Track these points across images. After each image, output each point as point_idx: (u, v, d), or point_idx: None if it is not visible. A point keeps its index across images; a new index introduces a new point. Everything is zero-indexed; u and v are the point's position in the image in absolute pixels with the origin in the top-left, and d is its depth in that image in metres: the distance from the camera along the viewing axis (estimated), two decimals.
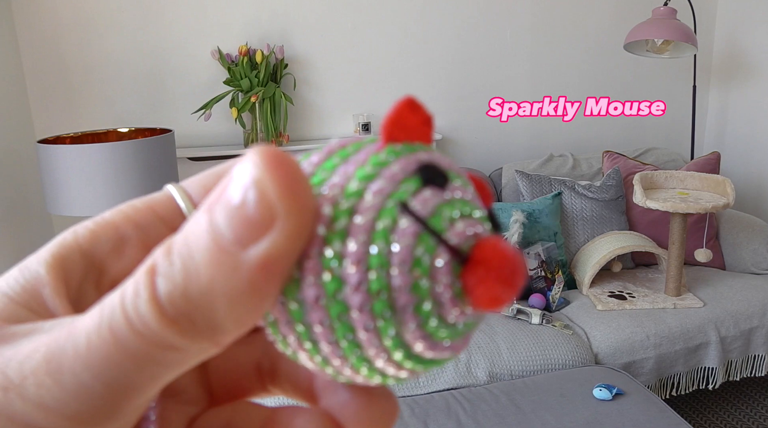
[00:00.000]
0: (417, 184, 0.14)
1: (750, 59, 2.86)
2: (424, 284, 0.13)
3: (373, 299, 0.13)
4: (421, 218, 0.13)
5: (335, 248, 0.13)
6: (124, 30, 2.28)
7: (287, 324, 0.14)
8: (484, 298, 0.13)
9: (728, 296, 2.14)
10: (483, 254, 0.13)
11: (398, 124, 0.15)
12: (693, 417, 2.21)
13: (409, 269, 0.13)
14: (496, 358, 1.83)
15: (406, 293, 0.13)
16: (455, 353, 0.15)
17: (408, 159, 0.14)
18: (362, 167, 0.14)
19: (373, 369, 0.14)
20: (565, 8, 2.78)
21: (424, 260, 0.13)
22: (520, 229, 2.17)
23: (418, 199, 0.14)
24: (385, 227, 0.13)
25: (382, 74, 2.62)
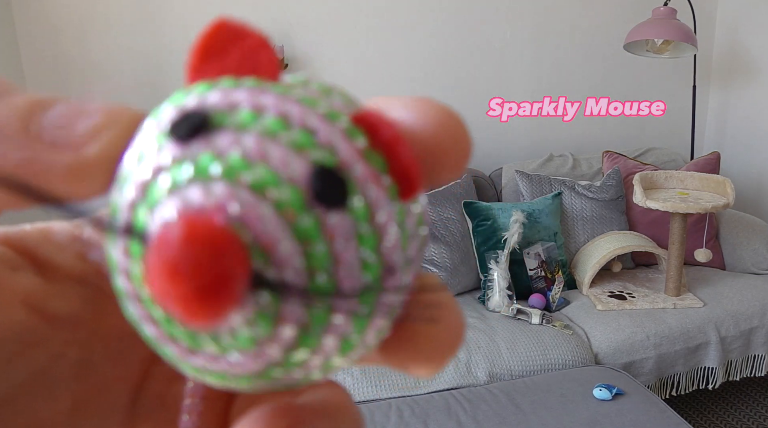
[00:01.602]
0: (161, 139, 0.11)
1: (750, 59, 2.86)
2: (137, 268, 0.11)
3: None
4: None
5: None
6: (124, 30, 2.28)
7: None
8: (161, 301, 0.10)
9: (728, 296, 2.14)
10: (160, 235, 0.10)
11: (206, 56, 0.12)
12: (693, 417, 2.21)
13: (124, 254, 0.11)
14: (496, 358, 1.83)
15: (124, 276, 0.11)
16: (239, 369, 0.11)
17: (176, 107, 0.11)
18: (143, 131, 0.12)
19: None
20: (565, 8, 2.78)
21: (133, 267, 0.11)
22: (520, 229, 2.17)
23: (141, 165, 0.11)
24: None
25: (382, 74, 2.62)
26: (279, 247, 0.10)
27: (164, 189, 0.10)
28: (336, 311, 0.10)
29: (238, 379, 0.11)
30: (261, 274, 0.10)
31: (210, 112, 0.11)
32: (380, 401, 1.67)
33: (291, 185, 0.10)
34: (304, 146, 0.10)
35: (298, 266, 0.10)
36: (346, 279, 0.10)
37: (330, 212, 0.10)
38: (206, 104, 0.11)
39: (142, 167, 0.11)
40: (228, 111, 0.11)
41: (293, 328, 0.10)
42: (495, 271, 2.12)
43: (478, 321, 2.00)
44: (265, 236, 0.10)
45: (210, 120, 0.11)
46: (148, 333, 0.11)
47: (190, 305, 0.09)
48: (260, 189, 0.10)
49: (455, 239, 2.21)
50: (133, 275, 0.10)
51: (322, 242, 0.10)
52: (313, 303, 0.10)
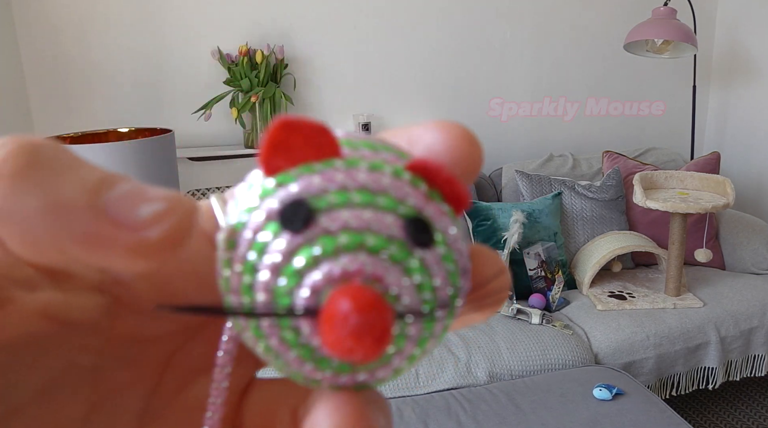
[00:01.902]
0: (274, 232, 0.13)
1: (750, 59, 2.86)
2: (290, 336, 0.14)
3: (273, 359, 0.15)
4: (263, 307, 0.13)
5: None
6: (124, 30, 2.28)
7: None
8: (336, 352, 0.13)
9: (728, 296, 2.14)
10: (326, 311, 0.13)
11: (275, 150, 0.14)
12: (693, 417, 2.21)
13: (275, 330, 0.14)
14: (496, 358, 1.83)
15: (278, 344, 0.14)
16: (363, 381, 0.14)
17: (272, 199, 0.13)
18: (236, 220, 0.14)
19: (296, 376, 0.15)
20: (565, 8, 2.78)
21: (288, 335, 0.14)
22: (520, 229, 2.17)
23: (267, 257, 0.13)
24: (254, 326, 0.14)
25: (382, 74, 2.62)
26: (400, 288, 0.13)
27: (300, 266, 0.13)
28: (437, 319, 0.14)
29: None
30: (399, 312, 0.13)
31: (306, 199, 0.13)
32: None
33: (395, 241, 0.13)
34: (388, 207, 0.13)
35: (414, 297, 0.13)
36: (441, 292, 0.14)
37: (424, 249, 0.13)
38: (300, 196, 0.13)
39: (269, 253, 0.13)
40: (319, 196, 0.13)
41: (414, 341, 0.14)
42: None
43: None
44: (392, 284, 0.13)
45: (311, 209, 0.13)
46: (282, 362, 0.14)
47: (368, 353, 0.12)
48: (375, 251, 0.13)
49: None
50: (287, 339, 0.14)
51: (426, 275, 0.13)
52: (425, 318, 0.13)
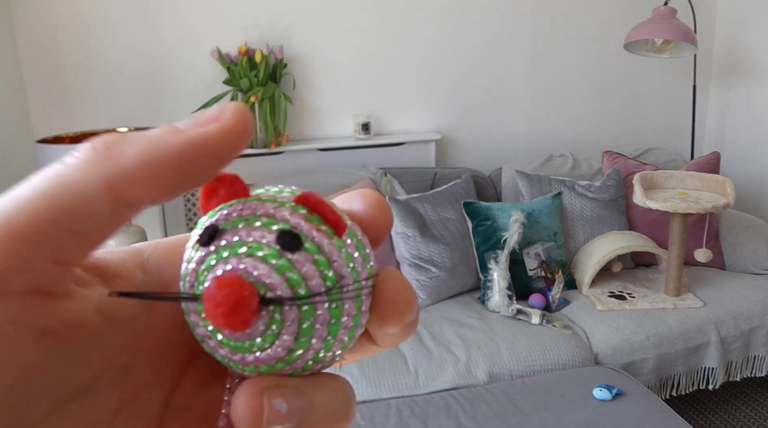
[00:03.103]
0: (197, 247, 0.18)
1: (750, 59, 2.86)
2: (205, 323, 0.18)
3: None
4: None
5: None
6: (123, 30, 2.27)
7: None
8: (213, 322, 0.17)
9: (728, 296, 2.14)
10: (204, 294, 0.17)
11: (205, 195, 0.19)
12: (693, 417, 2.21)
13: (195, 315, 0.18)
14: (496, 358, 1.82)
15: (202, 329, 0.18)
16: (264, 360, 0.18)
17: (200, 228, 0.19)
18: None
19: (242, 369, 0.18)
20: (565, 8, 2.78)
21: (198, 311, 0.18)
22: (520, 229, 2.17)
23: (193, 262, 0.18)
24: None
25: (382, 74, 2.61)
26: (270, 279, 0.17)
27: (203, 271, 0.18)
28: (317, 307, 0.17)
29: (266, 367, 0.18)
30: (265, 296, 0.17)
31: (218, 225, 0.18)
32: (380, 401, 1.67)
33: (268, 246, 0.17)
34: (270, 225, 0.18)
35: (284, 287, 0.17)
36: (315, 287, 0.17)
37: (294, 253, 0.17)
38: (214, 221, 0.18)
39: (191, 263, 0.18)
40: (225, 221, 0.18)
41: (294, 323, 0.17)
42: (495, 271, 2.12)
43: (478, 321, 2.00)
44: (262, 276, 0.17)
45: (218, 229, 0.18)
46: (209, 346, 0.18)
47: (229, 320, 0.17)
48: (252, 254, 0.17)
49: (455, 239, 2.20)
50: (191, 320, 0.18)
51: (295, 272, 0.17)
52: (301, 304, 0.17)
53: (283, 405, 0.17)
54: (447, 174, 2.44)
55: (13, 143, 2.06)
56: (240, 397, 0.17)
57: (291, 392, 0.18)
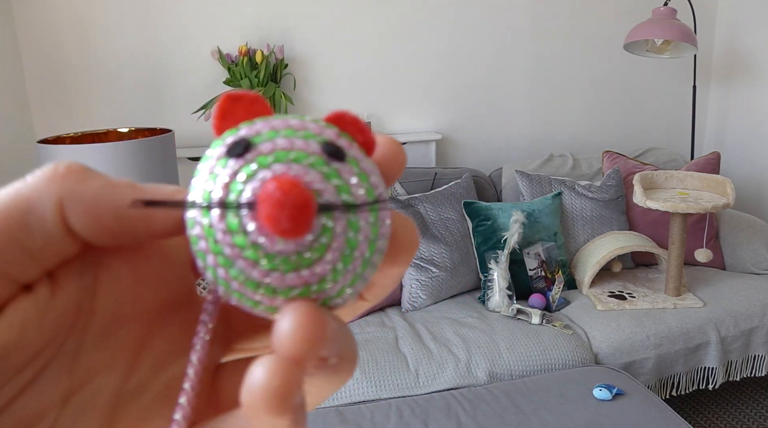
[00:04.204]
0: (224, 162, 0.17)
1: (750, 59, 2.86)
2: (239, 238, 0.17)
3: (217, 259, 0.17)
4: (215, 202, 0.17)
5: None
6: (124, 30, 2.28)
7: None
8: (273, 227, 0.16)
9: (728, 296, 2.14)
10: (260, 196, 0.16)
11: (221, 117, 0.18)
12: (693, 417, 2.21)
13: (224, 230, 0.17)
14: (496, 358, 1.83)
15: (230, 248, 0.17)
16: (315, 275, 0.17)
17: (222, 145, 0.18)
18: (198, 167, 0.18)
19: (253, 301, 0.17)
20: (565, 8, 2.78)
21: (232, 220, 0.17)
22: (520, 229, 2.17)
23: (222, 173, 0.17)
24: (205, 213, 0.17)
25: (382, 74, 2.62)
26: (321, 186, 0.17)
27: (242, 180, 0.17)
28: (362, 218, 0.17)
29: (304, 289, 0.17)
30: (321, 202, 0.17)
31: (248, 138, 0.17)
32: (380, 401, 1.67)
33: (315, 155, 0.17)
34: (309, 137, 0.18)
35: (334, 195, 0.17)
36: (361, 198, 0.17)
37: (339, 163, 0.17)
38: (242, 136, 0.17)
39: (220, 177, 0.17)
40: (257, 135, 0.17)
41: (343, 234, 0.17)
42: (495, 271, 2.12)
43: (478, 320, 2.00)
44: (313, 182, 0.17)
45: (250, 142, 0.17)
46: (225, 271, 0.17)
47: (294, 223, 0.16)
48: (298, 161, 0.17)
49: (455, 239, 2.21)
50: (230, 226, 0.17)
51: (343, 180, 0.17)
52: (354, 212, 0.17)
53: (333, 325, 0.17)
54: (447, 174, 2.44)
55: (15, 144, 2.07)
56: (293, 315, 0.16)
57: (334, 317, 0.17)
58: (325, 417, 1.58)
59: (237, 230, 0.17)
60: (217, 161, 0.17)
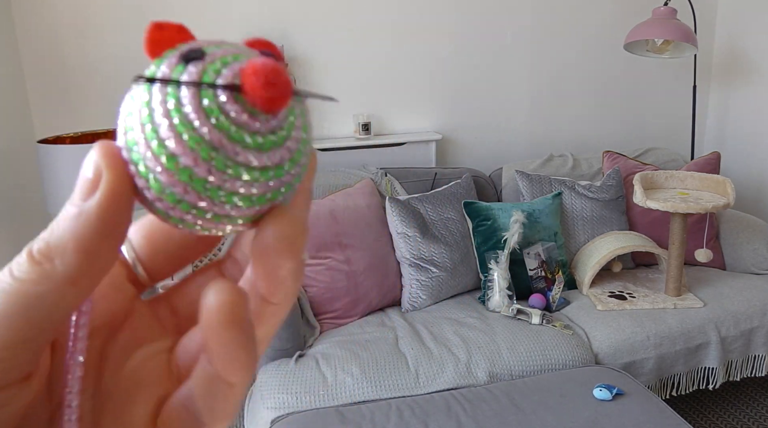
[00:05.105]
0: (181, 68, 0.18)
1: (750, 59, 2.86)
2: (222, 119, 0.17)
3: (197, 151, 0.17)
4: (193, 82, 0.17)
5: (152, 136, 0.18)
6: (124, 30, 2.28)
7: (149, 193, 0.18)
8: (263, 99, 0.17)
9: (728, 296, 2.14)
10: (246, 74, 0.17)
11: (152, 43, 0.19)
12: (693, 417, 2.21)
13: (205, 116, 0.17)
14: (496, 358, 1.83)
15: (214, 132, 0.17)
16: (289, 152, 0.19)
17: (171, 57, 0.18)
18: (144, 86, 0.19)
19: (231, 195, 0.18)
20: (565, 8, 2.78)
21: (211, 104, 0.17)
22: (520, 229, 2.17)
23: (186, 74, 0.18)
24: (174, 105, 0.17)
25: (382, 74, 2.61)
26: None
27: (216, 69, 0.18)
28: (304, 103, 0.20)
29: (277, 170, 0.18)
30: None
31: (196, 48, 0.18)
32: (380, 401, 1.67)
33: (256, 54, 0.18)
34: (242, 49, 0.19)
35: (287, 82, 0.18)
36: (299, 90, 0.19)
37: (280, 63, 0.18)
38: (188, 49, 0.18)
39: (185, 76, 0.18)
40: (201, 49, 0.18)
41: (303, 114, 0.19)
42: (495, 271, 2.12)
43: (478, 321, 2.00)
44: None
45: (203, 50, 0.18)
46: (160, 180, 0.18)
47: (280, 93, 0.17)
48: (250, 57, 0.18)
49: (455, 239, 2.21)
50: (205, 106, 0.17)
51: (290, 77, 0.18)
52: (310, 96, 0.20)
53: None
54: (447, 174, 2.44)
55: (15, 143, 2.07)
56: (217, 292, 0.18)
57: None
58: (325, 417, 1.58)
59: (216, 110, 0.17)
60: (172, 70, 0.18)
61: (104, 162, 0.18)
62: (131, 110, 0.19)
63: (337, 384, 1.71)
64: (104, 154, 0.18)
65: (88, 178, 0.18)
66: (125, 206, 0.18)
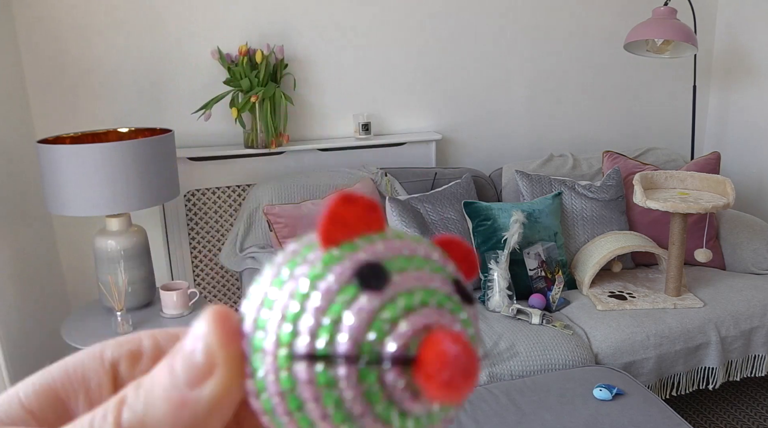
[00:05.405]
0: (353, 291, 0.14)
1: (750, 59, 2.86)
2: (375, 390, 0.14)
3: (331, 414, 0.14)
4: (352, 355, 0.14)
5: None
6: (124, 30, 2.28)
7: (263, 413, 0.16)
8: (439, 395, 0.14)
9: (728, 296, 2.14)
10: (427, 355, 0.14)
11: (334, 223, 0.15)
12: (693, 417, 2.21)
13: (356, 384, 0.14)
14: (496, 358, 1.83)
15: (359, 403, 0.14)
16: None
17: (343, 264, 0.15)
18: (301, 285, 0.15)
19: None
20: (565, 8, 2.78)
21: (370, 377, 0.14)
22: (520, 229, 2.17)
23: (355, 312, 0.14)
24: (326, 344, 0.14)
25: (382, 74, 2.62)
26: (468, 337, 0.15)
27: (385, 322, 0.14)
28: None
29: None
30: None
31: (381, 263, 0.15)
32: None
33: (452, 297, 0.15)
34: (438, 271, 0.16)
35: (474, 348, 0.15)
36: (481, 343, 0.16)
37: (470, 307, 0.16)
38: (373, 261, 0.15)
39: (352, 310, 0.14)
40: (387, 261, 0.15)
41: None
42: (495, 271, 2.12)
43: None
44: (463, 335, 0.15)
45: (383, 268, 0.15)
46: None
47: (469, 389, 0.14)
48: (440, 305, 0.15)
49: None
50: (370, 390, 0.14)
51: (473, 329, 0.16)
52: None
53: None
54: (447, 174, 2.44)
55: (15, 143, 2.07)
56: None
57: None
58: None
59: (373, 385, 0.14)
60: (341, 288, 0.15)
61: (222, 353, 0.15)
62: (274, 298, 0.15)
63: None
64: (222, 339, 0.16)
65: (198, 361, 0.15)
66: (234, 403, 0.16)
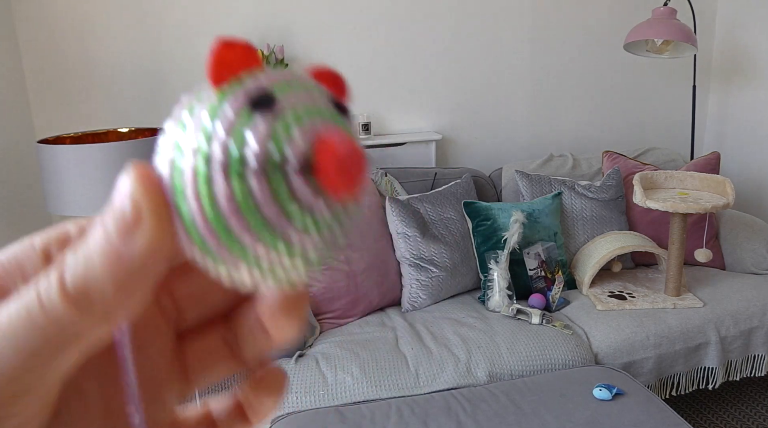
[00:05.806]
0: (248, 115, 0.16)
1: (750, 59, 2.86)
2: (285, 195, 0.16)
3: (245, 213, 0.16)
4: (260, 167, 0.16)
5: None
6: (124, 30, 2.28)
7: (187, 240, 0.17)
8: (339, 187, 0.16)
9: (728, 296, 2.14)
10: (323, 157, 0.16)
11: (219, 65, 0.17)
12: (693, 417, 2.21)
13: (268, 192, 0.16)
14: (496, 358, 1.83)
15: (273, 208, 0.16)
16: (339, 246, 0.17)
17: (236, 95, 0.17)
18: (204, 120, 0.17)
19: (264, 268, 0.17)
20: (566, 8, 2.78)
21: (279, 184, 0.16)
22: (520, 229, 2.17)
23: (252, 129, 0.16)
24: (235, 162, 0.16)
25: (382, 74, 2.62)
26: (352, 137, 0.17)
27: (281, 134, 0.16)
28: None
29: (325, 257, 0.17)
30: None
31: (268, 89, 0.17)
32: (380, 401, 1.67)
33: (332, 110, 0.17)
34: (314, 90, 0.17)
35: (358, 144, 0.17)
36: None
37: (346, 118, 0.18)
38: (262, 87, 0.17)
39: (250, 129, 0.16)
40: (273, 86, 0.17)
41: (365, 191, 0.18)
42: (495, 271, 2.12)
43: (478, 321, 2.00)
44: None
45: (274, 95, 0.16)
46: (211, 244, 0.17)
47: (358, 179, 0.16)
48: (324, 116, 0.17)
49: (455, 239, 2.21)
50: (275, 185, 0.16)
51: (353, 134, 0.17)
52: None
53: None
54: (447, 174, 2.44)
55: (15, 143, 2.07)
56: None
57: None
58: (325, 417, 1.58)
59: (282, 189, 0.16)
60: (237, 114, 0.16)
61: (146, 201, 0.17)
62: (182, 140, 0.17)
63: (337, 384, 1.71)
64: (145, 191, 0.17)
65: (126, 214, 0.17)
66: (168, 251, 0.17)
